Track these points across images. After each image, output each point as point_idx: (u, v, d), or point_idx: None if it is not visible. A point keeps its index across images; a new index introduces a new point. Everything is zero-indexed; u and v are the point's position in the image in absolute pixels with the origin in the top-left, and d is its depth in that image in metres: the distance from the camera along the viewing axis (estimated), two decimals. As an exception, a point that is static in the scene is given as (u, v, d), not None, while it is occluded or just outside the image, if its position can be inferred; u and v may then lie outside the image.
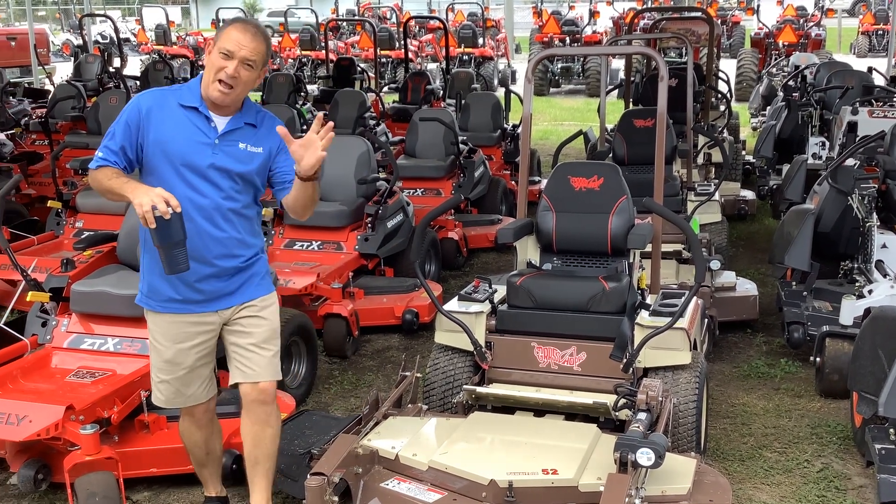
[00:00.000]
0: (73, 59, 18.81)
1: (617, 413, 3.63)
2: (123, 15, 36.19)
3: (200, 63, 21.65)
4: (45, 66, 16.11)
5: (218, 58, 3.09)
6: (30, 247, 6.35)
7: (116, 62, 15.76)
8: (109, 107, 8.81)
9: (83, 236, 5.46)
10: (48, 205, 6.90)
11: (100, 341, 4.33)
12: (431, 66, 21.60)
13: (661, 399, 3.45)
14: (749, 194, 8.77)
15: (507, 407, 3.96)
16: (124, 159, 3.12)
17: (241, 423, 3.39)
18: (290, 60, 21.88)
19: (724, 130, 9.22)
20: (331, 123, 3.07)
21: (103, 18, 21.33)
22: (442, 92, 11.82)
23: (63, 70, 19.83)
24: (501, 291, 4.32)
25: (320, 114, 3.13)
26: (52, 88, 13.01)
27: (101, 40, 22.37)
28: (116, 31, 15.85)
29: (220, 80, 3.09)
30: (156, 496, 3.90)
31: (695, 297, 3.99)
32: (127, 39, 24.43)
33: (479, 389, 3.95)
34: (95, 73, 13.18)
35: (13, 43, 17.15)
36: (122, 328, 4.31)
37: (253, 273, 3.34)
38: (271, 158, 3.30)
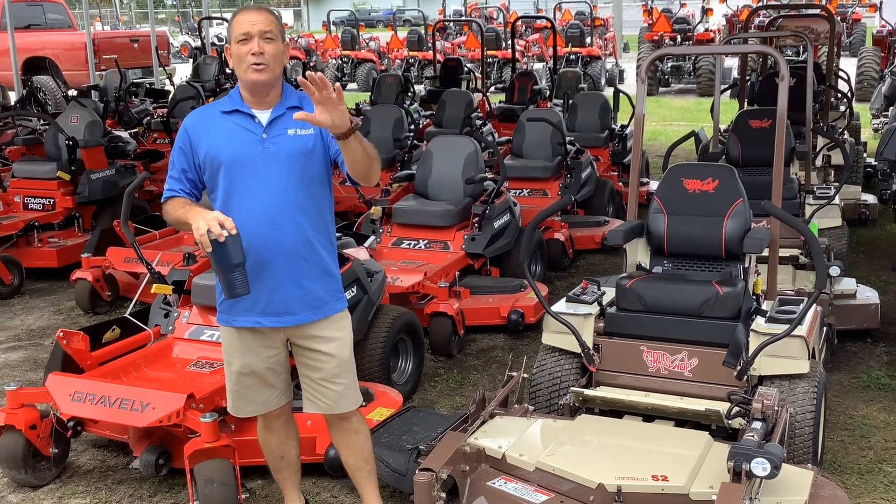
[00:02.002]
0: (191, 60, 19.50)
1: (730, 421, 3.54)
2: (238, 17, 37.29)
3: (312, 64, 22.26)
4: (166, 68, 16.76)
5: (238, 47, 3.05)
6: (152, 241, 6.64)
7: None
8: (227, 107, 9.09)
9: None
10: (169, 201, 7.18)
11: (218, 333, 4.47)
12: (538, 65, 21.51)
13: (777, 408, 3.36)
14: (870, 198, 8.42)
15: (614, 410, 3.92)
16: (188, 184, 3.15)
17: (330, 435, 3.49)
18: (397, 61, 22.20)
19: (845, 132, 8.87)
20: (320, 75, 2.82)
21: (220, 21, 22.07)
22: (549, 92, 11.76)
23: (182, 71, 20.61)
24: (610, 294, 4.27)
25: (310, 73, 2.83)
26: (172, 89, 13.53)
27: (217, 42, 23.17)
28: (232, 33, 16.30)
29: (251, 65, 3.04)
30: (268, 485, 4.02)
31: (814, 305, 3.86)
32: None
33: (587, 392, 3.92)
34: (213, 74, 13.62)
35: (136, 45, 17.93)
36: (239, 321, 4.45)
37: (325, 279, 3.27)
38: (325, 137, 3.12)
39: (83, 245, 7.09)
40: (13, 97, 12.87)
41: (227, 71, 13.54)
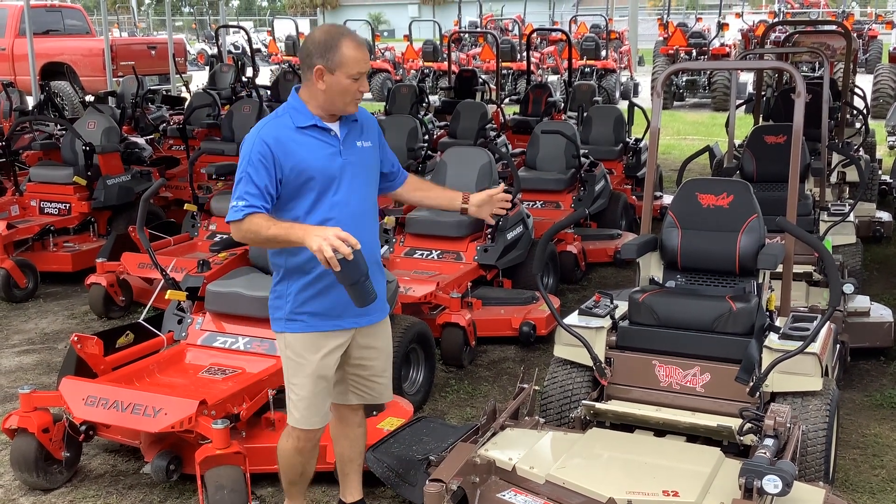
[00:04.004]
0: (207, 68, 19.63)
1: (742, 437, 3.53)
2: (255, 26, 37.57)
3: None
4: (183, 75, 16.85)
5: (349, 82, 3.12)
6: (167, 247, 6.68)
7: (249, 72, 16.38)
8: (243, 115, 9.16)
9: (218, 239, 5.69)
10: (184, 208, 7.24)
11: (231, 340, 4.51)
12: (552, 78, 21.54)
13: (789, 425, 3.34)
14: (885, 216, 8.38)
15: (625, 425, 3.91)
16: (270, 200, 3.13)
17: (333, 426, 3.58)
18: (412, 72, 22.26)
19: (860, 149, 8.84)
20: (507, 196, 3.54)
21: (237, 29, 22.20)
22: (563, 104, 11.78)
23: (198, 78, 20.72)
24: (622, 307, 4.27)
25: (503, 192, 3.58)
26: (188, 96, 13.61)
27: (234, 50, 23.31)
28: (249, 41, 16.42)
29: (355, 100, 3.18)
30: (279, 492, 4.02)
31: (828, 322, 3.85)
32: (259, 50, 25.33)
33: (599, 405, 3.91)
34: (229, 82, 13.70)
35: (153, 52, 18.05)
36: (253, 328, 4.49)
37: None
38: (381, 149, 3.42)
39: (98, 250, 7.13)
40: (31, 102, 12.95)
41: (244, 79, 13.61)
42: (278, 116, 3.21)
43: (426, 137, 8.89)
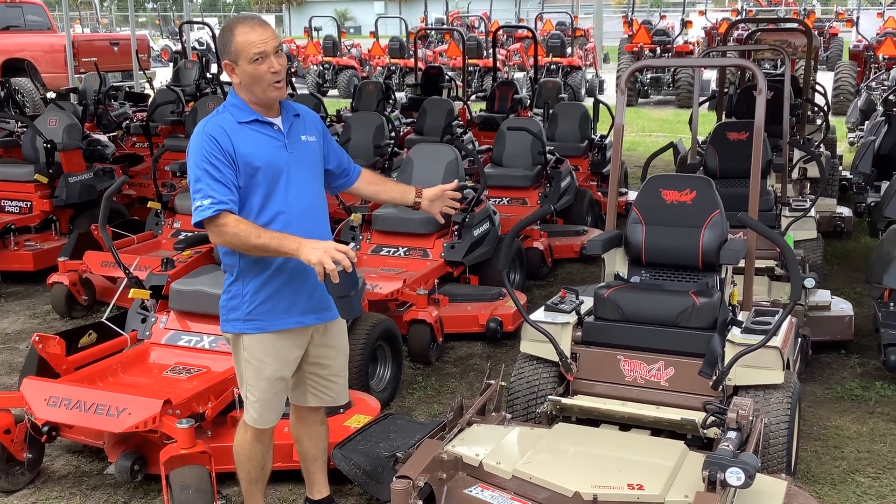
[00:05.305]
0: (171, 64, 19.42)
1: (705, 431, 3.57)
2: (220, 22, 37.21)
3: (293, 70, 22.20)
4: (146, 71, 16.67)
5: (255, 66, 3.07)
6: (130, 245, 6.61)
7: (213, 68, 16.23)
8: (207, 112, 9.03)
9: (182, 237, 5.65)
10: (148, 206, 7.17)
11: (196, 338, 4.48)
12: (518, 75, 21.60)
13: (751, 418, 3.39)
14: (846, 211, 8.51)
15: (591, 419, 3.94)
16: (236, 192, 3.09)
17: (294, 427, 3.59)
18: (379, 68, 22.20)
19: (821, 145, 8.97)
20: (457, 195, 3.60)
21: (201, 25, 21.99)
22: (529, 101, 11.81)
23: (162, 75, 20.50)
24: (588, 303, 4.30)
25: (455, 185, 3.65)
26: (152, 93, 13.46)
27: (198, 47, 23.09)
28: (214, 38, 16.23)
29: (272, 84, 3.11)
30: (244, 491, 4.00)
31: (789, 316, 3.90)
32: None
33: (565, 400, 3.94)
34: (193, 78, 13.56)
35: (116, 48, 17.84)
36: (217, 326, 4.40)
37: None
38: (327, 144, 3.41)
39: (60, 249, 7.03)
40: (-9, 99, 12.72)
41: (208, 75, 13.49)
42: (219, 114, 3.18)
43: (392, 134, 8.89)
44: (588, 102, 10.90)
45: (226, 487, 4.03)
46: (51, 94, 14.75)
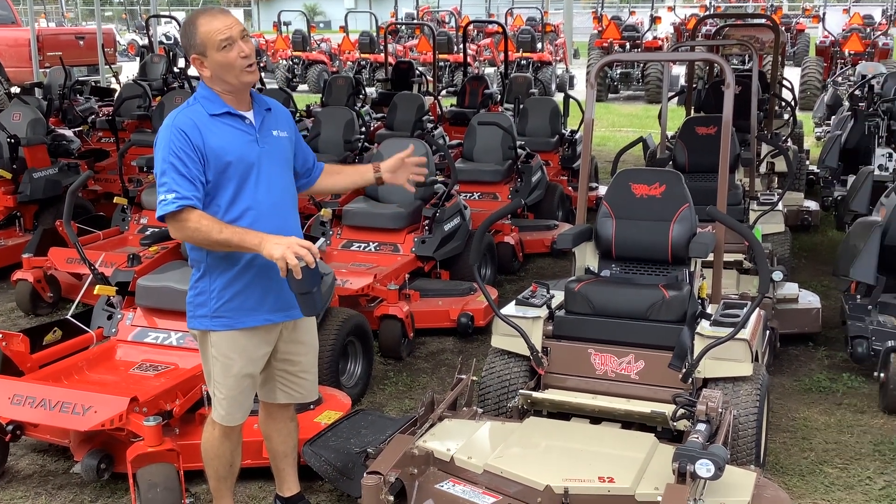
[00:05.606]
0: (138, 58, 19.21)
1: (675, 423, 3.59)
2: (187, 16, 36.91)
3: (262, 64, 22.05)
4: (112, 66, 16.46)
5: (223, 54, 3.03)
6: (96, 241, 6.52)
7: (181, 62, 16.07)
8: (175, 106, 8.94)
9: (149, 232, 5.58)
10: (114, 201, 7.08)
11: (163, 335, 4.42)
12: (489, 70, 21.60)
13: (720, 410, 3.41)
14: (813, 205, 8.61)
15: (562, 413, 3.94)
16: (201, 188, 3.03)
17: (263, 424, 3.55)
18: (349, 63, 22.12)
19: (789, 140, 9.06)
20: (419, 159, 3.48)
21: (168, 19, 21.75)
22: (500, 96, 11.82)
23: (128, 69, 20.25)
24: (559, 297, 4.30)
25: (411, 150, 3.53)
26: (118, 87, 13.30)
27: (165, 41, 22.83)
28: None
29: (244, 69, 3.07)
30: (213, 489, 3.96)
31: (757, 308, 3.93)
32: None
33: (536, 394, 3.94)
34: (160, 72, 13.42)
35: (81, 42, 17.59)
36: (185, 323, 4.36)
37: None
38: (297, 142, 3.38)
39: (24, 245, 6.92)
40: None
41: (175, 70, 13.35)
42: (189, 106, 3.13)
43: (363, 129, 8.84)
44: (558, 98, 10.93)
45: (194, 485, 3.98)
46: (15, 89, 14.52)
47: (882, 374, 4.70)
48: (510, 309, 4.20)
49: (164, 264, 4.79)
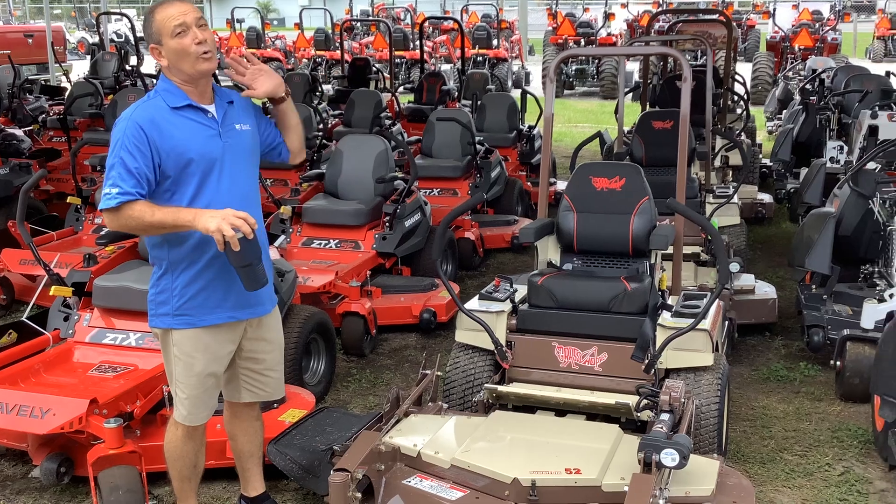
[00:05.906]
0: (88, 56, 18.89)
1: (639, 414, 3.62)
2: (139, 13, 36.31)
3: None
4: (62, 64, 16.16)
5: (178, 41, 3.00)
6: (50, 242, 6.39)
7: (133, 60, 15.83)
8: (127, 104, 8.81)
9: (104, 232, 5.48)
10: (67, 201, 6.95)
11: (122, 336, 4.35)
12: (446, 66, 21.59)
13: (683, 400, 3.44)
14: (766, 198, 8.75)
15: (527, 406, 3.96)
16: (146, 185, 2.97)
17: (228, 424, 3.52)
18: (304, 60, 21.95)
19: (742, 133, 9.19)
20: (245, 52, 3.16)
21: (119, 17, 21.41)
22: (457, 92, 11.82)
23: (78, 68, 19.91)
24: (522, 291, 4.32)
25: (233, 55, 3.25)
26: (68, 86, 13.06)
27: (116, 39, 22.45)
28: (133, 29, 15.83)
29: (200, 56, 3.03)
30: (177, 491, 3.91)
31: (717, 299, 3.98)
32: (143, 38, 24.48)
33: (501, 388, 3.95)
34: (112, 70, 13.21)
35: (30, 40, 17.28)
36: (145, 323, 4.29)
37: None
38: (261, 124, 3.33)
39: (-25, 247, 6.77)
40: None
41: (127, 67, 13.15)
42: (150, 98, 3.09)
43: (321, 126, 8.79)
44: (515, 93, 10.96)
45: (157, 487, 3.93)
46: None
47: (838, 363, 4.79)
48: (473, 303, 4.21)
49: (122, 264, 4.72)
